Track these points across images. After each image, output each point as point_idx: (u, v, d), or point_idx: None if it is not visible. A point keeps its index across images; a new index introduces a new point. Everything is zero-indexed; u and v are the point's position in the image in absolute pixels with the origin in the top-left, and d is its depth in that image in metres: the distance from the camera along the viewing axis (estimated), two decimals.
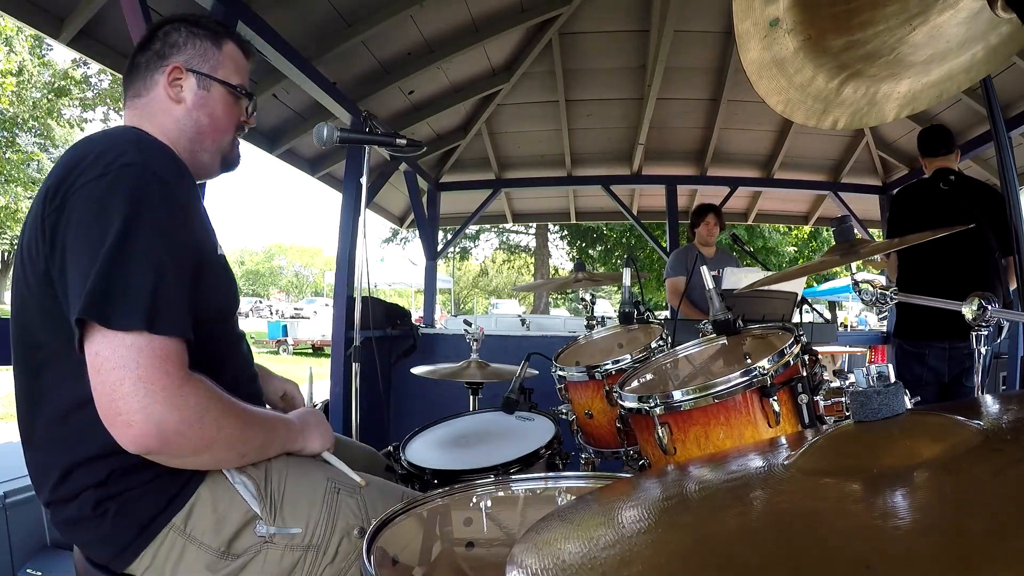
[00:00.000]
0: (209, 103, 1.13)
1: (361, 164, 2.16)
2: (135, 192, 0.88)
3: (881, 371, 0.55)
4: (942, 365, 2.57)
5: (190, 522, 0.95)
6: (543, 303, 17.43)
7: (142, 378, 0.83)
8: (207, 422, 0.89)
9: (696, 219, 3.77)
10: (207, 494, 0.97)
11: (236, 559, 0.97)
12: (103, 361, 0.83)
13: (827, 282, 14.27)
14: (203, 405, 0.89)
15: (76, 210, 0.87)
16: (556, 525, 0.55)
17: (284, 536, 0.99)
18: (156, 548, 0.94)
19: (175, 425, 0.85)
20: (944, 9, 0.78)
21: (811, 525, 0.43)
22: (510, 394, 1.74)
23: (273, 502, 1.00)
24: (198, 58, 1.12)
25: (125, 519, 0.93)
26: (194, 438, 0.88)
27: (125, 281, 0.84)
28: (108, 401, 0.83)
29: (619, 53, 4.18)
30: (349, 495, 1.06)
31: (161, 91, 1.09)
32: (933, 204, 2.63)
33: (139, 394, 0.82)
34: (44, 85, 14.69)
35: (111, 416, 0.83)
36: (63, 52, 16.73)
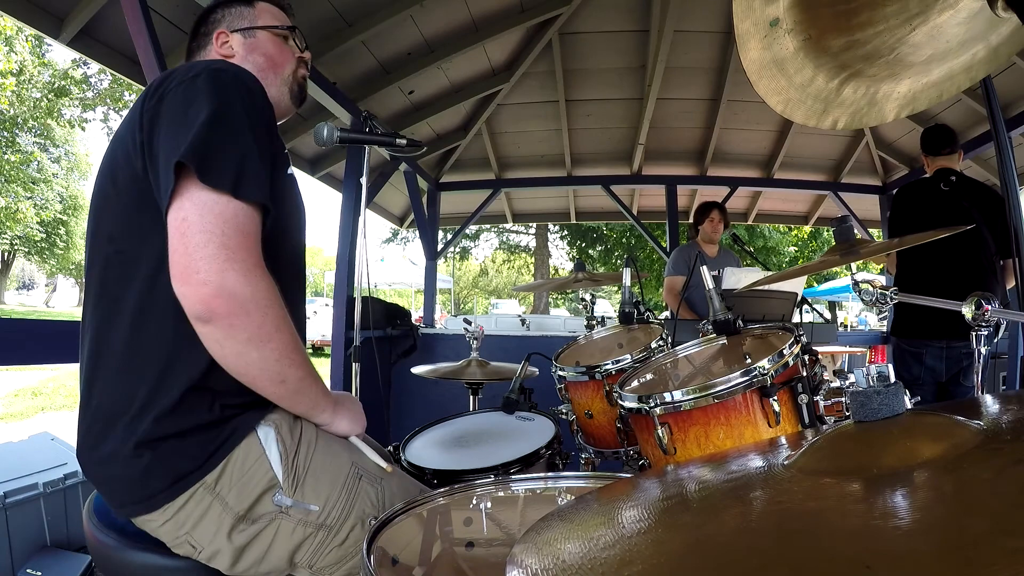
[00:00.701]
0: (258, 46, 1.22)
1: (361, 164, 2.16)
2: (224, 86, 0.95)
3: (881, 371, 0.55)
4: (939, 364, 2.58)
5: (221, 481, 0.95)
6: (543, 303, 17.42)
7: (227, 245, 0.87)
8: (271, 314, 0.92)
9: (700, 216, 3.74)
10: (240, 455, 0.97)
11: (252, 524, 0.97)
12: (189, 225, 0.86)
13: (827, 282, 14.27)
14: (272, 295, 0.92)
15: (170, 101, 0.93)
16: (556, 525, 0.55)
17: (300, 510, 0.99)
18: (183, 502, 0.94)
19: (245, 297, 0.88)
20: (944, 9, 0.78)
21: (811, 525, 0.43)
22: (510, 394, 1.74)
23: (297, 474, 1.00)
24: (236, 19, 1.22)
25: (160, 466, 0.92)
26: (256, 320, 0.90)
27: (218, 146, 0.89)
28: (188, 261, 0.85)
29: (619, 53, 4.18)
30: (370, 483, 1.07)
31: (215, 56, 1.19)
32: (933, 204, 2.64)
33: (220, 258, 0.86)
34: (44, 85, 14.69)
35: (188, 275, 0.86)
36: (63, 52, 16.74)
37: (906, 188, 2.83)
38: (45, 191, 19.01)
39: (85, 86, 14.56)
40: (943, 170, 2.65)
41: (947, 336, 2.53)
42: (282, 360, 0.95)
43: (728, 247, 4.26)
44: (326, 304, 15.75)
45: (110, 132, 15.29)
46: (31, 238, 19.95)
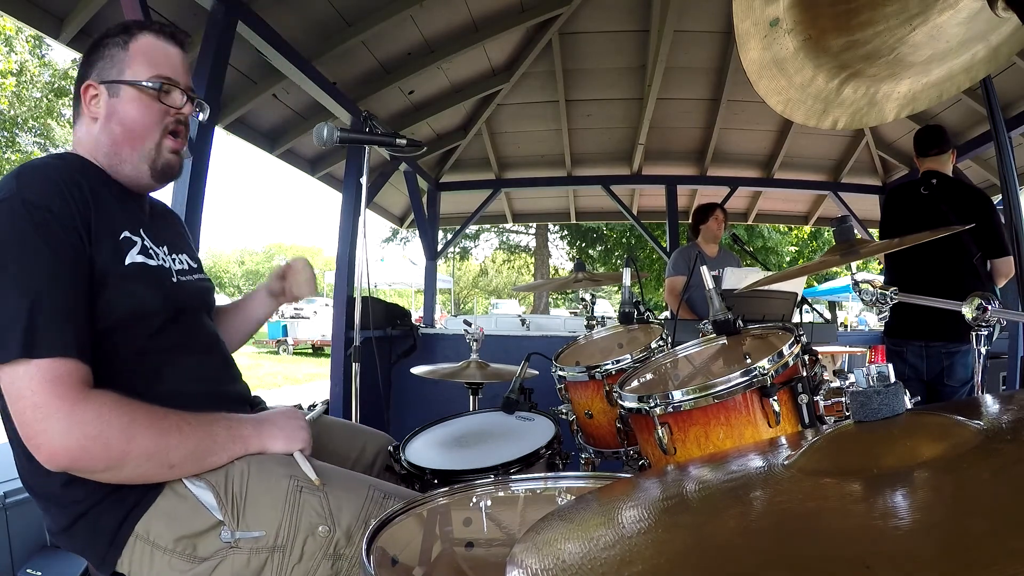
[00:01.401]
0: (119, 110, 1.07)
1: (361, 164, 2.16)
2: (2, 227, 0.90)
3: (881, 371, 0.55)
4: (920, 363, 2.61)
5: (152, 531, 0.97)
6: (543, 303, 17.42)
7: (37, 405, 0.87)
8: (112, 436, 0.90)
9: (703, 215, 3.73)
10: (164, 503, 0.98)
11: (203, 562, 0.98)
12: (7, 394, 0.89)
13: (827, 282, 14.27)
14: (104, 420, 0.90)
15: None
16: (556, 525, 0.55)
17: (248, 540, 0.99)
18: (129, 555, 0.98)
19: (77, 442, 0.88)
20: (944, 9, 0.78)
21: (811, 525, 0.43)
22: (510, 394, 1.73)
23: (236, 506, 0.99)
24: (107, 67, 1.08)
25: (95, 530, 0.98)
26: (100, 453, 0.90)
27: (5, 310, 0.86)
28: (20, 428, 0.89)
29: (619, 53, 4.18)
30: (311, 493, 1.04)
31: (83, 113, 1.08)
32: (912, 208, 2.67)
33: (38, 419, 0.87)
34: (44, 85, 14.68)
35: (26, 440, 0.89)
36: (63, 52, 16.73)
37: (894, 191, 2.87)
38: None
39: None
40: (928, 172, 2.66)
41: (924, 336, 2.57)
42: (153, 456, 0.94)
43: (728, 247, 4.25)
44: (326, 304, 15.75)
45: None
46: None
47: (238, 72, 3.17)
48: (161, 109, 1.10)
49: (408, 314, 4.14)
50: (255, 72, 3.25)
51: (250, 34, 2.59)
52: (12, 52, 13.11)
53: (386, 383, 3.77)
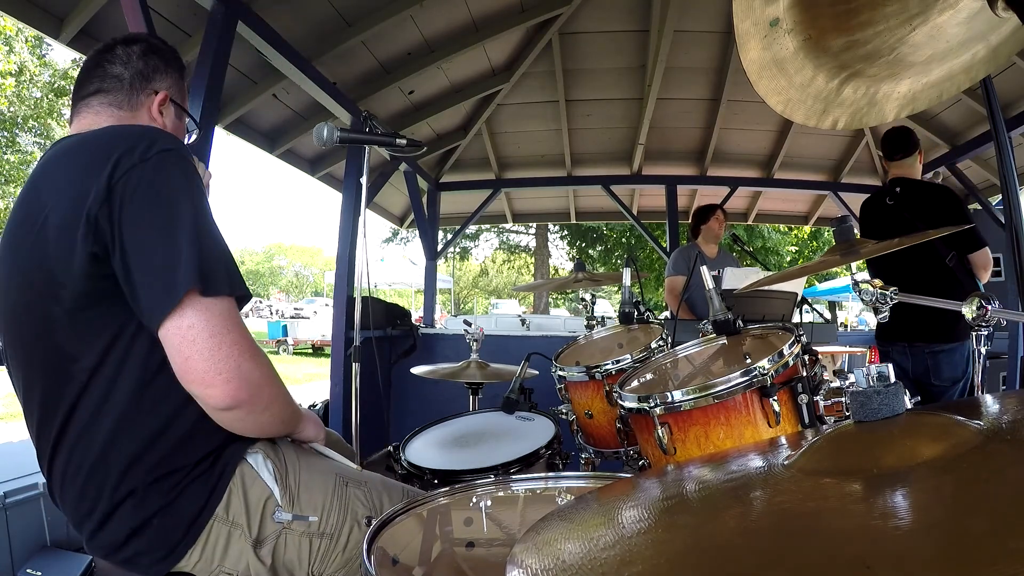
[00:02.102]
0: (179, 132, 1.22)
1: (361, 164, 2.16)
2: (182, 174, 0.95)
3: (881, 371, 0.55)
4: (905, 362, 2.64)
5: (231, 509, 1.01)
6: (543, 303, 17.42)
7: (235, 341, 0.92)
8: (275, 378, 1.01)
9: (704, 216, 3.73)
10: (239, 481, 1.02)
11: (263, 544, 1.03)
12: (197, 332, 0.90)
13: (827, 282, 14.27)
14: (269, 363, 1.00)
15: (131, 198, 0.90)
16: (556, 525, 0.55)
17: (301, 523, 1.05)
18: (204, 541, 0.99)
19: (259, 378, 0.95)
20: (944, 9, 0.78)
21: (811, 525, 0.43)
22: (510, 394, 1.74)
23: (291, 491, 1.06)
24: (175, 88, 1.19)
25: (173, 519, 0.97)
26: (269, 391, 0.99)
27: (209, 252, 0.92)
28: (206, 365, 0.90)
29: (619, 53, 4.18)
30: (356, 487, 1.13)
31: (146, 113, 1.14)
32: (880, 218, 2.69)
33: (234, 354, 0.92)
34: (44, 85, 14.68)
35: (211, 376, 0.90)
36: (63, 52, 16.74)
37: (865, 202, 2.87)
38: None
39: None
40: (894, 180, 2.67)
41: (906, 338, 2.60)
42: (285, 407, 1.06)
43: (728, 248, 4.26)
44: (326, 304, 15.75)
45: None
46: None
47: (238, 72, 3.17)
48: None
49: (408, 314, 4.14)
50: (255, 72, 3.25)
51: (250, 34, 2.59)
52: (12, 52, 13.10)
53: (386, 383, 3.77)
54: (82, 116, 1.11)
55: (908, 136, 2.69)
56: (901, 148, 2.66)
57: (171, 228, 0.91)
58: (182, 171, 0.95)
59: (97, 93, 1.11)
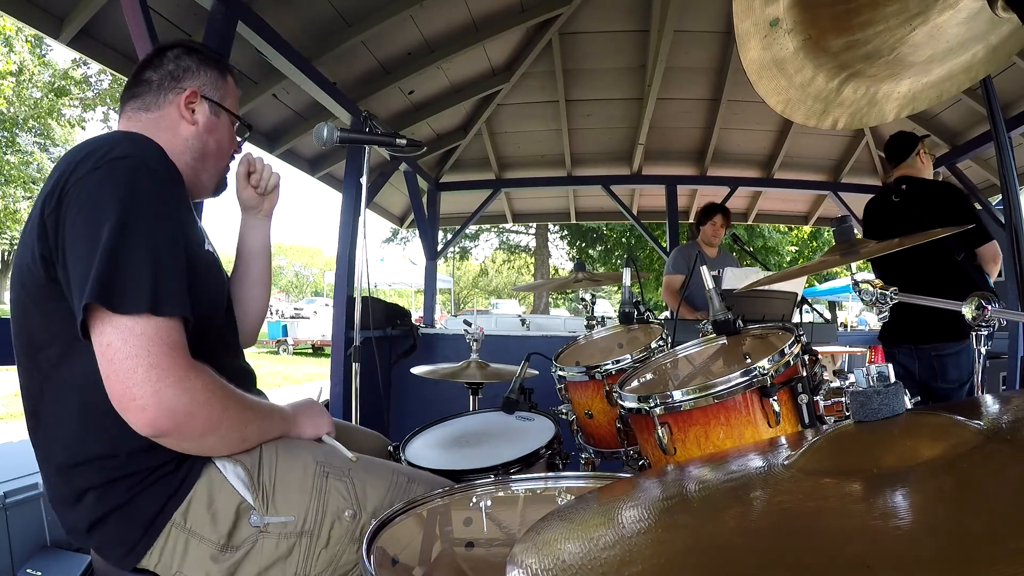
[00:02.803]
0: (219, 129, 1.21)
1: (361, 164, 2.16)
2: (128, 182, 0.91)
3: (881, 371, 0.55)
4: (912, 364, 2.63)
5: (189, 517, 0.98)
6: (543, 303, 17.42)
7: (153, 364, 0.87)
8: (214, 404, 0.94)
9: (703, 217, 3.73)
10: (203, 489, 1.00)
11: (236, 550, 1.00)
12: (115, 351, 0.86)
13: (827, 282, 14.27)
14: (209, 388, 0.94)
15: (72, 205, 0.90)
16: (556, 525, 0.55)
17: (278, 524, 1.02)
18: (162, 544, 0.98)
19: (185, 407, 0.89)
20: (944, 9, 0.78)
21: (811, 525, 0.43)
22: (510, 394, 1.74)
23: (265, 492, 1.02)
24: (210, 86, 1.20)
25: (129, 519, 0.97)
26: (203, 419, 0.93)
27: (127, 267, 0.87)
28: (122, 388, 0.86)
29: (619, 53, 4.18)
30: (337, 478, 1.08)
31: (174, 110, 1.15)
32: (888, 215, 2.69)
33: (151, 379, 0.86)
34: (44, 85, 14.68)
35: (126, 402, 0.86)
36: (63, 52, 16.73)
37: (870, 201, 2.88)
38: None
39: (85, 86, 14.56)
40: (899, 179, 2.68)
41: (912, 339, 2.59)
42: (237, 427, 1.00)
43: (728, 248, 4.25)
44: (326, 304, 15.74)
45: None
46: None
47: (238, 72, 3.17)
48: (235, 142, 1.29)
49: (408, 314, 4.14)
50: (255, 72, 3.25)
51: (250, 34, 2.59)
52: (12, 52, 13.10)
53: (386, 383, 3.77)
54: (120, 122, 1.17)
55: (909, 138, 2.70)
56: (905, 151, 2.68)
57: (92, 239, 0.87)
58: (129, 179, 0.91)
59: (131, 99, 1.16)
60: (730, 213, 3.84)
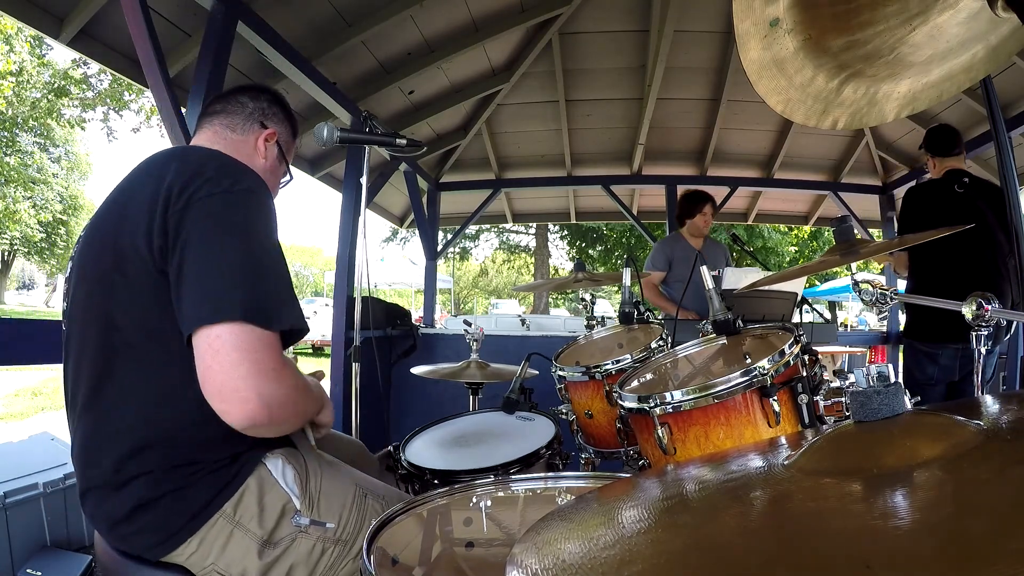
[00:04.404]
0: (277, 172, 1.36)
1: (361, 164, 2.16)
2: (253, 214, 1.02)
3: (881, 371, 0.55)
4: (953, 364, 2.58)
5: (239, 509, 1.02)
6: (543, 303, 17.42)
7: (258, 361, 0.94)
8: (299, 395, 1.02)
9: (691, 208, 3.56)
10: (255, 484, 1.05)
11: (276, 547, 1.04)
12: (223, 343, 0.92)
13: (827, 282, 14.26)
14: (296, 383, 1.02)
15: (200, 220, 0.97)
16: (556, 525, 0.55)
17: (318, 529, 1.07)
18: (205, 533, 1.00)
19: (282, 399, 0.97)
20: (944, 9, 0.78)
21: (811, 525, 0.43)
22: (510, 394, 1.74)
23: (311, 497, 1.10)
24: (284, 137, 1.35)
25: (179, 505, 1.00)
26: (291, 410, 1.01)
27: (255, 287, 0.97)
28: (225, 380, 0.92)
29: (619, 53, 4.18)
30: (375, 500, 1.17)
31: (253, 141, 1.29)
32: (947, 206, 2.62)
33: (254, 375, 0.93)
34: (44, 85, 14.67)
35: (227, 394, 0.92)
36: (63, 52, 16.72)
37: (918, 188, 2.80)
38: (45, 191, 19.00)
39: (85, 86, 14.55)
40: (955, 171, 2.64)
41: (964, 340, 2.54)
42: (305, 413, 1.11)
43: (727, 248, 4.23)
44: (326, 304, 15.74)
45: (110, 132, 15.26)
46: (31, 238, 19.94)
47: (238, 72, 3.16)
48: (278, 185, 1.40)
49: (408, 314, 4.14)
50: (255, 72, 3.24)
51: (250, 34, 2.59)
52: (12, 52, 13.10)
53: (386, 383, 3.77)
54: (201, 132, 1.27)
55: (958, 134, 2.70)
56: (956, 144, 2.67)
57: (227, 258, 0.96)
58: (255, 210, 1.03)
59: (220, 113, 1.27)
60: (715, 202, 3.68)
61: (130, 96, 13.34)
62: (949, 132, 2.71)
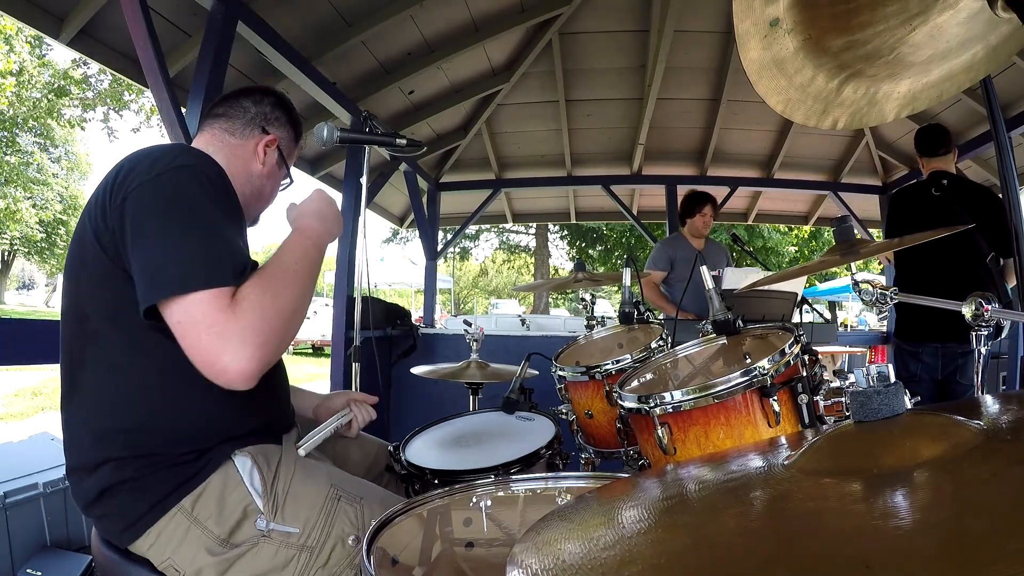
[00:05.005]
0: (276, 178, 1.34)
1: (361, 164, 2.16)
2: (186, 189, 0.99)
3: (881, 371, 0.55)
4: (935, 361, 2.63)
5: (197, 506, 1.01)
6: (543, 303, 17.42)
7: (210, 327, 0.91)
8: (269, 315, 0.96)
9: (692, 207, 3.57)
10: (217, 482, 1.03)
11: (234, 548, 1.01)
12: (186, 328, 0.92)
13: (827, 282, 14.26)
14: (256, 308, 0.95)
15: (134, 205, 0.97)
16: (556, 525, 0.55)
17: (281, 533, 1.03)
18: (163, 526, 1.00)
19: (259, 341, 0.93)
20: (944, 9, 0.78)
21: (811, 525, 0.43)
22: (510, 394, 1.73)
23: (276, 499, 1.05)
24: (286, 142, 1.33)
25: (139, 493, 1.00)
26: (274, 335, 0.96)
27: (181, 251, 0.95)
28: (204, 356, 0.92)
29: (619, 53, 4.18)
30: (349, 503, 1.11)
31: (253, 146, 1.27)
32: (925, 208, 2.65)
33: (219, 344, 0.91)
34: (44, 85, 14.67)
35: (212, 367, 0.92)
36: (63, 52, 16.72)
37: (901, 191, 2.85)
38: (45, 191, 19.01)
39: (85, 86, 14.54)
40: (937, 173, 2.66)
41: (941, 339, 2.58)
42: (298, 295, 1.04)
43: (726, 246, 4.23)
44: (326, 304, 15.73)
45: (110, 132, 15.26)
46: (31, 238, 19.95)
47: (238, 72, 3.16)
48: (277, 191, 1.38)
49: (408, 314, 4.14)
50: (255, 72, 3.24)
51: (250, 34, 2.59)
52: (12, 52, 13.09)
53: (386, 383, 3.77)
54: (201, 135, 1.26)
55: (947, 133, 2.69)
56: (943, 144, 2.66)
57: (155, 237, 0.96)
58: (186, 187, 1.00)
59: (221, 116, 1.26)
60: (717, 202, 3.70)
61: (130, 96, 13.34)
62: (935, 132, 2.71)
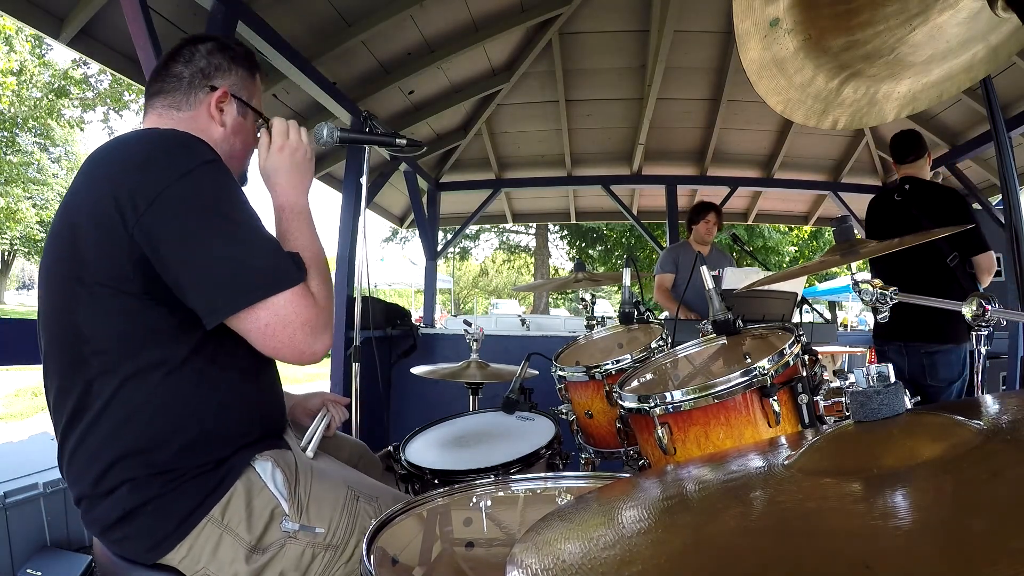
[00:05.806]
0: (244, 130, 1.20)
1: (361, 164, 2.16)
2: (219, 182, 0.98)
3: (881, 371, 0.55)
4: (901, 360, 2.66)
5: (227, 513, 1.00)
6: (543, 303, 17.41)
7: (304, 322, 0.98)
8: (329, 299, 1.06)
9: (695, 216, 3.75)
10: (243, 488, 1.02)
11: (264, 552, 1.02)
12: (273, 330, 0.96)
13: (827, 282, 14.25)
14: (324, 295, 1.04)
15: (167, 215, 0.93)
16: (556, 525, 0.55)
17: (308, 533, 1.05)
18: (194, 539, 0.99)
19: (331, 321, 1.04)
20: (944, 9, 0.78)
21: (811, 525, 0.43)
22: (510, 394, 1.73)
23: (300, 501, 1.07)
24: (239, 85, 1.18)
25: (165, 511, 0.98)
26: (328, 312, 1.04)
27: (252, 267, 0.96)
28: (295, 353, 0.98)
29: (619, 53, 4.18)
30: (367, 502, 1.14)
31: (204, 111, 1.14)
32: (888, 213, 2.71)
33: (306, 333, 0.98)
34: (44, 85, 14.67)
35: (300, 356, 0.99)
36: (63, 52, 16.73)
37: (873, 199, 2.90)
38: (45, 191, 19.01)
39: (85, 86, 14.55)
40: (905, 179, 2.69)
41: (902, 337, 2.61)
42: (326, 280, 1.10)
43: (728, 248, 4.25)
44: None
45: (110, 132, 15.26)
46: (31, 238, 19.94)
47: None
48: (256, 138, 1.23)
49: (408, 314, 4.14)
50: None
51: (250, 34, 2.59)
52: (12, 52, 13.09)
53: (386, 383, 3.77)
54: (148, 117, 1.14)
55: (918, 139, 2.71)
56: (912, 151, 2.68)
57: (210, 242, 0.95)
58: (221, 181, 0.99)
59: (159, 94, 1.13)
60: (722, 211, 3.83)
61: (130, 96, 13.35)
62: (903, 140, 2.73)
